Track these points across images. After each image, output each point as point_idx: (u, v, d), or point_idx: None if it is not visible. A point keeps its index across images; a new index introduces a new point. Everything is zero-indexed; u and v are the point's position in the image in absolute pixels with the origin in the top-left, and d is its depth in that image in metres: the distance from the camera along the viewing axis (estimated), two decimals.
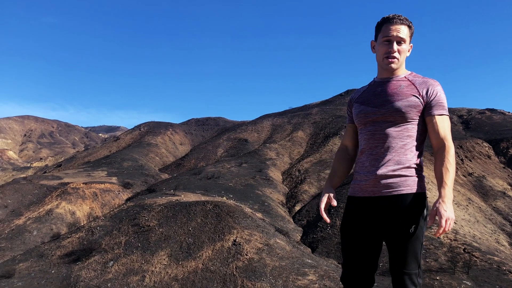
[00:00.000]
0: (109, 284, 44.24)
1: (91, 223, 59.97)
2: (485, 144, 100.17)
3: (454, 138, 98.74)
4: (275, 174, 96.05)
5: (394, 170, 3.30)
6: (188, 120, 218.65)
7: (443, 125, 3.33)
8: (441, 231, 3.01)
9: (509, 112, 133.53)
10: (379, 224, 3.35)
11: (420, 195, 3.38)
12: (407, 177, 3.32)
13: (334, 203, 3.60)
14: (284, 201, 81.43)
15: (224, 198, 67.50)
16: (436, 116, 3.32)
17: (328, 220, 3.62)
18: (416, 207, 3.31)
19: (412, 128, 3.34)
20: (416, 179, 3.37)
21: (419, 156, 3.42)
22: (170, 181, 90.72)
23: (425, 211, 3.37)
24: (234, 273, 42.40)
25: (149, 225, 53.09)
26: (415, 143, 3.37)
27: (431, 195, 64.58)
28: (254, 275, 41.33)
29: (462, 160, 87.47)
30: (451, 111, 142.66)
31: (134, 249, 49.45)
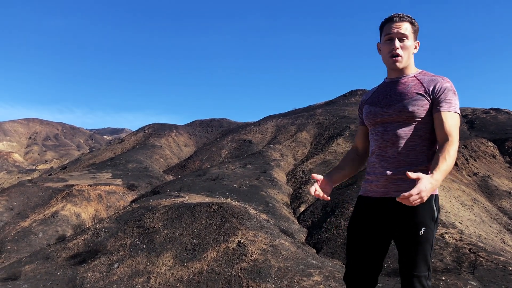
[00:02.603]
0: (114, 286, 44.39)
1: (96, 225, 60.18)
2: (490, 143, 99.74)
3: (459, 138, 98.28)
4: (280, 175, 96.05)
5: (404, 172, 3.22)
6: (192, 122, 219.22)
7: (449, 121, 3.22)
8: (406, 195, 2.72)
9: None
10: (389, 225, 3.31)
11: (430, 197, 3.27)
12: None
13: (319, 177, 3.40)
14: (289, 202, 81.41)
15: (229, 199, 67.55)
16: (441, 113, 3.22)
17: (325, 198, 3.37)
18: (426, 209, 3.23)
19: (421, 128, 3.28)
20: None
21: (430, 157, 3.35)
22: (174, 183, 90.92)
23: (435, 213, 3.27)
24: (239, 274, 42.43)
25: (154, 227, 53.22)
26: (425, 143, 3.32)
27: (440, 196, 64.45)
28: (259, 276, 41.35)
29: (467, 160, 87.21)
30: None
31: (139, 250, 49.59)
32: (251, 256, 44.61)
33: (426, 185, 2.78)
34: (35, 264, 50.99)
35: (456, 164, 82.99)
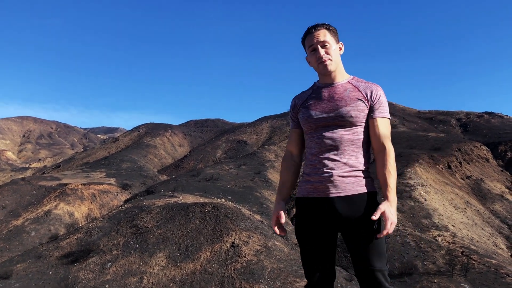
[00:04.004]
0: (107, 286, 44.21)
1: (89, 224, 59.95)
2: (483, 147, 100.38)
3: (452, 141, 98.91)
4: (274, 176, 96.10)
5: (348, 171, 3.39)
6: (187, 122, 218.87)
7: (384, 128, 3.45)
8: (385, 232, 3.13)
9: (507, 116, 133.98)
10: (337, 224, 3.39)
11: (375, 193, 3.47)
12: (361, 178, 3.42)
13: (283, 220, 3.65)
14: None
15: (223, 199, 67.50)
16: (377, 119, 3.44)
17: (283, 233, 3.68)
18: (374, 205, 3.38)
19: (361, 131, 3.46)
20: (369, 179, 3.47)
21: (369, 158, 3.55)
22: (168, 183, 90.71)
23: None
24: (232, 275, 42.41)
25: (147, 227, 53.08)
26: (365, 146, 3.49)
27: (429, 197, 64.69)
28: (252, 277, 41.35)
29: (460, 163, 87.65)
30: (450, 114, 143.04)
31: (132, 250, 49.44)
32: (245, 257, 44.60)
33: (390, 211, 3.17)
34: (27, 263, 50.70)
35: (449, 167, 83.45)
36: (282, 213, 3.69)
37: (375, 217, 3.12)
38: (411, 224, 56.16)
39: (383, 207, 3.16)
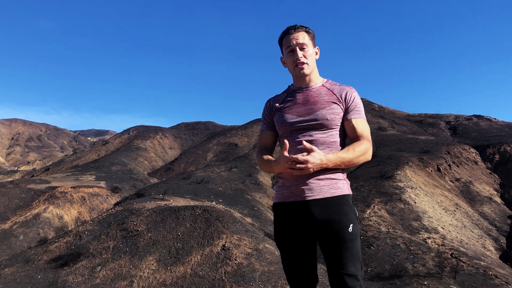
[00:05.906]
0: None
1: (79, 227, 59.41)
2: (472, 150, 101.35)
3: (442, 144, 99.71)
4: (265, 179, 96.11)
5: (324, 173, 3.35)
6: (178, 124, 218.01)
7: (362, 126, 3.47)
8: (293, 157, 3.09)
9: (495, 119, 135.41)
10: (313, 227, 3.35)
11: (350, 196, 3.45)
12: (336, 180, 3.39)
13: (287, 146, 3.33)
14: None
15: (214, 202, 67.34)
16: (353, 120, 3.46)
17: (310, 146, 3.24)
18: (349, 207, 3.36)
19: (336, 134, 3.47)
20: (344, 181, 3.45)
21: None
22: (159, 186, 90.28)
23: (356, 211, 3.44)
24: (223, 278, 42.29)
25: (138, 230, 52.76)
26: (339, 148, 3.49)
27: (419, 200, 65.13)
28: (243, 280, 41.26)
29: (449, 165, 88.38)
30: (439, 117, 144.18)
31: (122, 253, 49.09)
32: (235, 260, 44.51)
33: (315, 158, 3.14)
34: (15, 267, 50.10)
35: (439, 170, 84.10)
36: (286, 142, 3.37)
37: (306, 144, 3.17)
38: (401, 226, 56.47)
39: (317, 149, 3.17)
